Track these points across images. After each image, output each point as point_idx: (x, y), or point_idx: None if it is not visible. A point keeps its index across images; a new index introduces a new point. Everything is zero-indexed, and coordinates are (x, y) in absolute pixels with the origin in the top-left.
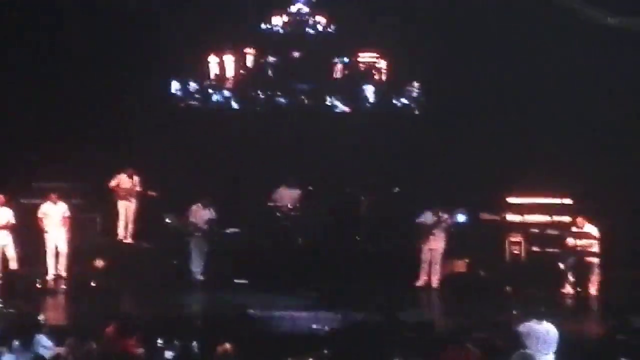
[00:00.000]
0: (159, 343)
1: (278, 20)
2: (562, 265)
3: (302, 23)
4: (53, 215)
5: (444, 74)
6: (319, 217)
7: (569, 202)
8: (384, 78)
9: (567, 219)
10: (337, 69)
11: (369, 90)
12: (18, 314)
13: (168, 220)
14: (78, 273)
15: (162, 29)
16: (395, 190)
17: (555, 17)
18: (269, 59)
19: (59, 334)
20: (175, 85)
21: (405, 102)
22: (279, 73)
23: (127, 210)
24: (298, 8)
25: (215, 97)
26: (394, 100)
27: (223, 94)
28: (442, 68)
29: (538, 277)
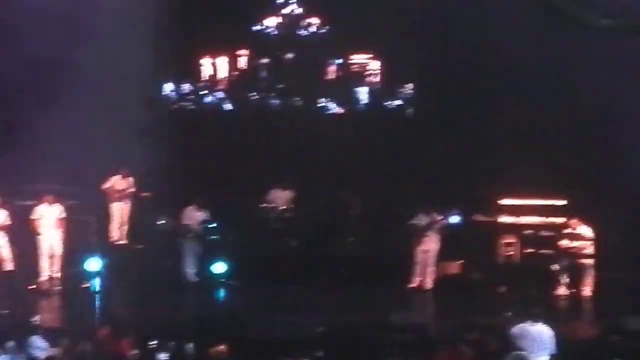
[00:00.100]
0: (153, 344)
1: (271, 22)
2: (555, 267)
3: (295, 25)
4: (48, 217)
5: (437, 76)
6: (312, 218)
7: (563, 203)
8: (377, 79)
9: (560, 221)
10: (330, 71)
11: (362, 92)
12: (12, 316)
13: (161, 222)
14: (72, 274)
15: (155, 30)
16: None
17: (549, 18)
18: (262, 61)
19: (54, 336)
20: (169, 87)
21: (398, 103)
22: (272, 74)
23: (121, 212)
24: (291, 10)
25: (209, 98)
26: (387, 102)
27: (216, 95)
28: (435, 70)
29: (532, 278)
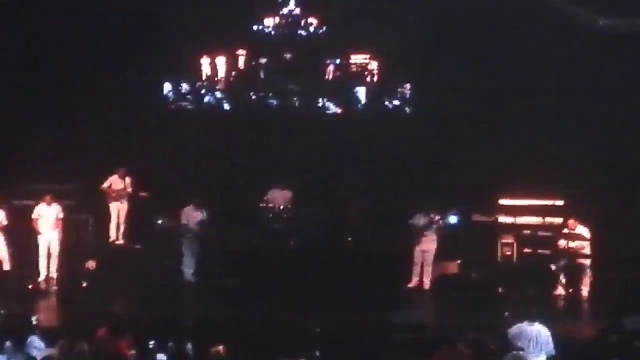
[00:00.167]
0: (151, 344)
1: (270, 22)
2: (554, 267)
3: (293, 24)
4: (47, 217)
5: (436, 76)
6: (311, 218)
7: (561, 203)
8: (376, 79)
9: (559, 221)
10: (328, 71)
11: (361, 92)
12: (10, 315)
13: (160, 222)
14: (70, 274)
15: (154, 30)
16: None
17: (548, 18)
18: (261, 61)
19: (51, 335)
20: (167, 87)
21: (397, 103)
22: (271, 74)
23: (119, 212)
24: (290, 9)
25: (207, 98)
26: (386, 102)
27: (215, 95)
28: (433, 69)
29: (530, 278)
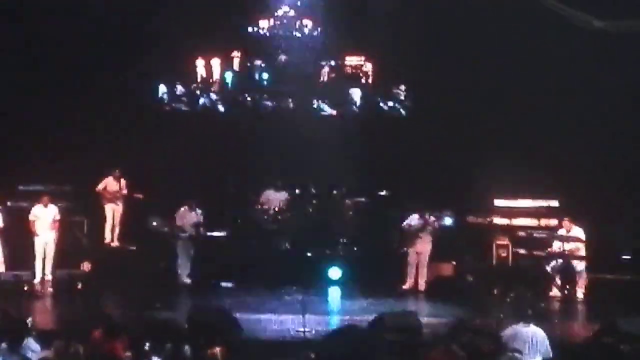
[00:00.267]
0: (146, 346)
1: (265, 24)
2: (548, 268)
3: (288, 26)
4: (44, 219)
5: (430, 77)
6: (305, 219)
7: (556, 205)
8: (371, 81)
9: (553, 222)
10: (323, 72)
11: (356, 93)
12: (5, 317)
13: (155, 223)
14: (65, 276)
15: (148, 32)
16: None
17: (542, 20)
18: (256, 62)
19: (47, 337)
20: (162, 89)
21: (392, 105)
22: (266, 76)
23: (114, 213)
24: (284, 11)
25: (202, 100)
26: (381, 103)
27: (210, 97)
28: (428, 71)
29: (525, 280)
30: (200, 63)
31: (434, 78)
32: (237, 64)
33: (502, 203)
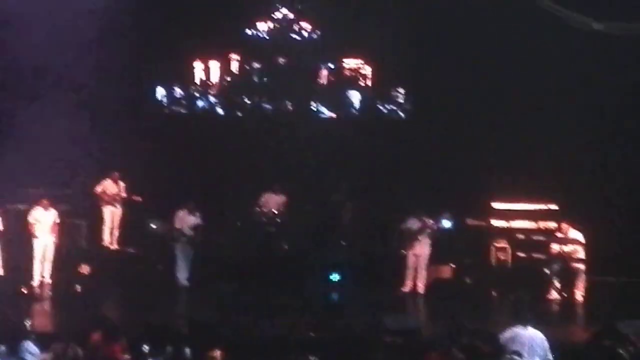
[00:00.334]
0: (145, 349)
1: (263, 26)
2: (547, 271)
3: (287, 29)
4: (44, 222)
5: (429, 80)
6: (304, 222)
7: (555, 208)
8: (369, 84)
9: (552, 225)
10: (322, 75)
11: (354, 96)
12: (4, 320)
13: (153, 226)
14: (64, 279)
15: (147, 35)
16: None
17: (542, 22)
18: (254, 65)
19: (45, 340)
20: (161, 91)
21: (391, 107)
22: (264, 79)
23: (112, 216)
24: (283, 14)
25: (201, 102)
26: (379, 106)
27: (208, 100)
28: (427, 74)
29: (524, 282)
30: (199, 66)
31: (433, 81)
32: (235, 67)
33: (501, 206)
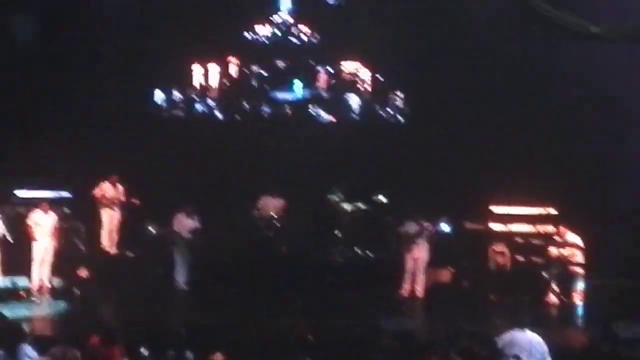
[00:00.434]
0: (143, 352)
1: (262, 30)
2: (546, 275)
3: (285, 32)
4: (44, 225)
5: (428, 84)
6: (303, 226)
7: (553, 211)
8: (368, 87)
9: (550, 229)
10: (321, 79)
11: (353, 100)
12: (2, 323)
13: (152, 229)
14: (62, 282)
15: (145, 38)
16: (379, 200)
17: (540, 26)
18: (253, 69)
19: (43, 343)
20: (159, 95)
21: (389, 111)
22: (263, 82)
23: (111, 220)
24: (282, 17)
25: (199, 106)
26: (378, 110)
27: (206, 103)
28: (426, 78)
29: (522, 286)
30: (197, 69)
31: (432, 84)
32: (234, 70)
33: (499, 209)
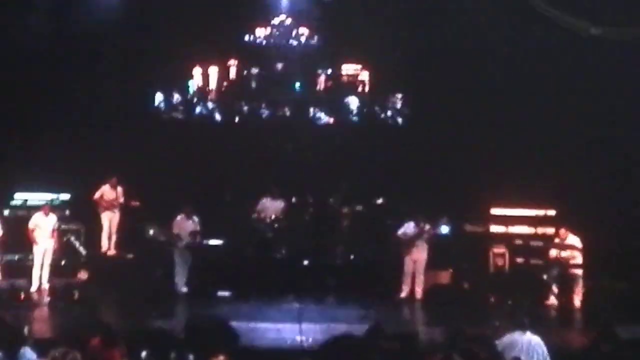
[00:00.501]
0: (143, 355)
1: (261, 32)
2: (545, 277)
3: (285, 35)
4: (44, 227)
5: (427, 85)
6: (302, 228)
7: (553, 213)
8: (367, 90)
9: (550, 231)
10: (320, 81)
11: (352, 102)
12: (2, 326)
13: (152, 232)
14: (62, 284)
15: (145, 39)
16: (379, 201)
17: (540, 27)
18: (253, 71)
19: (43, 346)
20: (159, 97)
21: (389, 113)
22: (263, 85)
23: (110, 222)
24: (281, 20)
25: (199, 108)
26: (377, 112)
27: (206, 106)
28: (425, 80)
29: (522, 288)
30: (197, 71)
31: (431, 86)
32: (233, 73)
33: (499, 211)
